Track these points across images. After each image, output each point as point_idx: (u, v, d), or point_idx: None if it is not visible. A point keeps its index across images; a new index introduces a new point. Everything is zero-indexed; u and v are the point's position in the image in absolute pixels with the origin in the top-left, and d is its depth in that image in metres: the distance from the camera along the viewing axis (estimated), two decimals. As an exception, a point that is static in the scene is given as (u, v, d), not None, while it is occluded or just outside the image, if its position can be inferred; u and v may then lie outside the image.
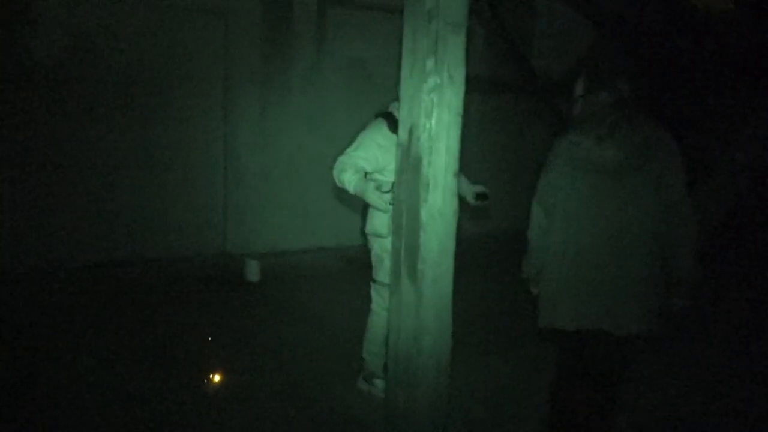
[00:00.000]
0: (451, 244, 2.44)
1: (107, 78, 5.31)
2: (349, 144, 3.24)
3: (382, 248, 3.24)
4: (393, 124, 3.17)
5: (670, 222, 2.42)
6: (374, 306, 3.40)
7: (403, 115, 2.45)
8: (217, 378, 3.52)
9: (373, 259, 3.35)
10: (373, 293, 3.39)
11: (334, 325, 4.44)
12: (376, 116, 3.29)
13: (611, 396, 2.56)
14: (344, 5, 6.26)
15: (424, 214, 2.37)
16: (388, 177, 3.15)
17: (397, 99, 3.29)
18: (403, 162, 2.45)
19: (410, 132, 2.40)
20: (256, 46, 5.92)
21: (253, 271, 5.44)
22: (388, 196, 2.95)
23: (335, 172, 3.20)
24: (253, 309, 4.72)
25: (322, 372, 3.72)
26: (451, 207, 2.41)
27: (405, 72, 2.42)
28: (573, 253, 2.45)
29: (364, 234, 3.38)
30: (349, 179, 3.11)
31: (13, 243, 5.06)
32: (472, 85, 2.46)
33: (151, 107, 5.54)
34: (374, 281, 3.35)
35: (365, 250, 3.48)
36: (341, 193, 6.26)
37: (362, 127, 3.28)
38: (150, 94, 5.51)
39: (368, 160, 3.16)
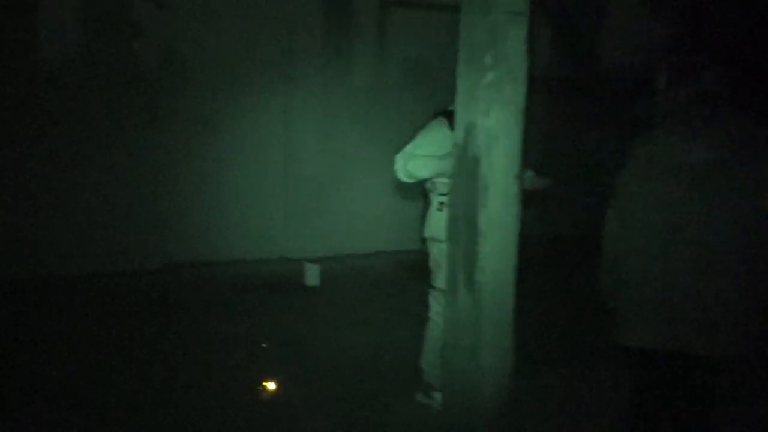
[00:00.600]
0: (512, 253, 2.26)
1: (176, 83, 5.41)
2: (407, 143, 3.09)
3: (440, 253, 3.07)
4: (453, 123, 3.01)
5: None
6: (432, 314, 3.24)
7: (459, 113, 2.29)
8: (270, 386, 3.45)
9: (432, 265, 3.19)
10: (431, 300, 3.23)
11: (394, 332, 4.29)
12: (435, 115, 3.13)
13: (699, 426, 2.29)
14: (406, 6, 6.14)
15: (482, 221, 2.20)
16: (442, 179, 3.00)
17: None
18: (460, 163, 2.29)
19: (467, 131, 2.24)
20: (317, 50, 5.87)
21: (312, 276, 5.38)
22: None
23: (398, 167, 3.02)
24: (311, 314, 4.65)
25: (379, 382, 3.59)
26: (512, 213, 2.23)
27: (461, 67, 2.26)
28: (656, 266, 2.19)
29: (422, 238, 3.21)
30: (421, 163, 2.94)
31: (78, 245, 5.22)
32: (536, 84, 2.28)
33: (216, 112, 5.59)
34: (432, 287, 3.19)
35: (425, 255, 3.33)
36: (406, 192, 6.18)
37: (421, 126, 3.13)
38: (215, 100, 5.56)
39: None
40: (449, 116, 3.04)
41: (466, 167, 2.25)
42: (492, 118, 2.15)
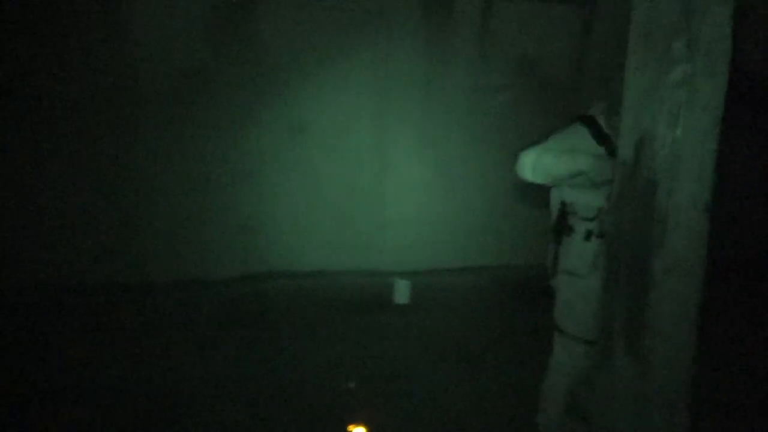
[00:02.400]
0: (694, 310, 1.68)
1: (266, 85, 5.12)
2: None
3: (574, 291, 2.50)
4: (597, 133, 2.44)
5: None
6: (555, 362, 2.68)
7: (627, 122, 1.73)
8: (358, 429, 3.01)
9: (559, 302, 2.62)
10: (555, 345, 2.66)
11: (497, 369, 3.74)
12: (573, 120, 2.57)
13: None
14: (513, -2, 5.57)
15: (657, 266, 1.63)
16: (587, 199, 2.43)
17: (601, 98, 2.57)
18: (626, 188, 1.73)
19: (639, 146, 1.68)
20: (417, 46, 5.41)
21: (402, 293, 4.92)
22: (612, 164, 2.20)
23: (526, 161, 2.41)
24: (399, 339, 4.17)
25: (480, 430, 3.07)
26: (698, 256, 1.65)
27: (634, 60, 1.69)
28: None
29: (550, 268, 2.63)
30: (563, 159, 2.34)
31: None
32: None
33: (307, 114, 5.26)
34: (560, 331, 2.62)
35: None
36: (512, 202, 5.59)
37: (553, 130, 2.57)
38: (306, 101, 5.23)
39: None
40: (591, 123, 2.49)
41: (635, 193, 1.69)
42: (680, 129, 1.58)
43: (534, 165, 2.38)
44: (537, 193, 4.30)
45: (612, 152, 2.43)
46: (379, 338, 4.16)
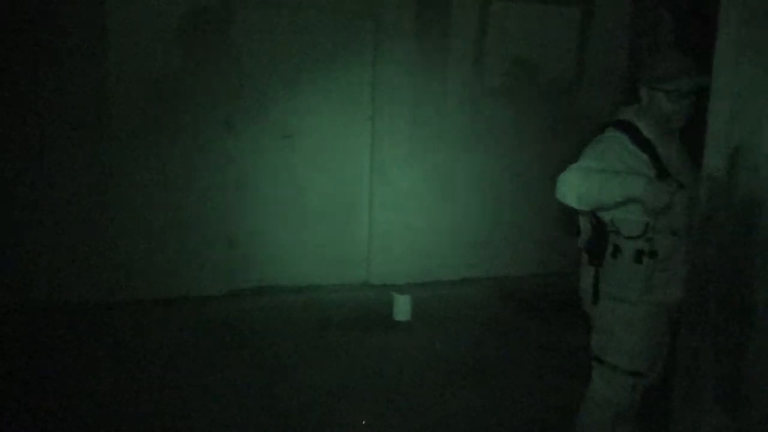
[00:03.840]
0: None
1: (253, 89, 4.78)
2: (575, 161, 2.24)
3: (618, 317, 2.22)
4: (638, 138, 2.18)
5: None
6: (594, 393, 2.39)
7: (716, 127, 1.45)
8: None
9: (599, 329, 2.33)
10: (595, 376, 2.38)
11: (521, 398, 3.38)
12: (606, 126, 2.29)
13: None
14: (511, -1, 5.33)
15: (761, 300, 1.36)
16: (632, 216, 2.16)
17: (628, 102, 2.31)
18: (716, 207, 1.45)
19: (735, 156, 1.40)
20: (409, 49, 5.13)
21: (402, 309, 4.60)
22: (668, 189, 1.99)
23: (567, 187, 2.12)
24: (402, 360, 3.85)
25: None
26: (807, 288, 1.38)
27: (724, 52, 1.42)
28: None
29: (591, 292, 2.32)
30: (615, 182, 2.04)
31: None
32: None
33: (293, 120, 4.94)
34: (599, 361, 2.33)
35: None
36: (508, 211, 5.33)
37: (588, 142, 2.29)
38: (294, 106, 4.91)
39: None
40: (629, 129, 2.22)
41: (730, 213, 1.41)
42: (791, 135, 1.31)
43: (579, 192, 2.08)
44: (538, 201, 3.97)
45: (654, 158, 2.17)
46: (379, 359, 3.84)
